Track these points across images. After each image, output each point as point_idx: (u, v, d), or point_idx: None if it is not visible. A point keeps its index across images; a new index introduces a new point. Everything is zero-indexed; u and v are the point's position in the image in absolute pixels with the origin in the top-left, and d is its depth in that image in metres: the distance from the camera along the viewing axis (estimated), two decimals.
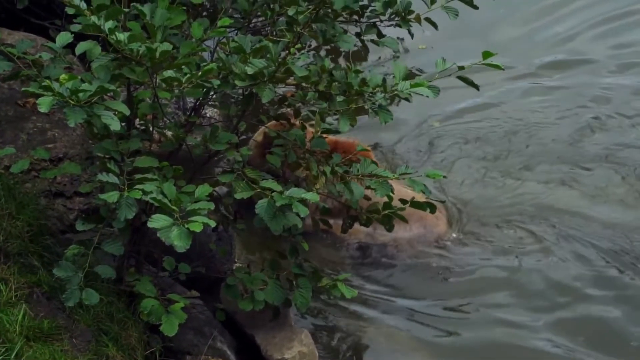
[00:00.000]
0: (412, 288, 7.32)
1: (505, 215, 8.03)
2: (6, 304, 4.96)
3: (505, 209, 8.12)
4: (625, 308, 7.08)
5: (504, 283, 7.34)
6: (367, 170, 5.44)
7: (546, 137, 9.14)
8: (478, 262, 7.54)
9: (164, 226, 4.31)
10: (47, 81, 4.45)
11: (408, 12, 5.87)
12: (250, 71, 4.94)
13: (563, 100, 9.68)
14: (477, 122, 9.33)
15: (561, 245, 7.68)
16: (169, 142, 5.47)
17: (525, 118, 9.39)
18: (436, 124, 9.25)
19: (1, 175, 5.96)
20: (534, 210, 8.13)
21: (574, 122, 9.31)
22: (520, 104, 9.61)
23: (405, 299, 7.19)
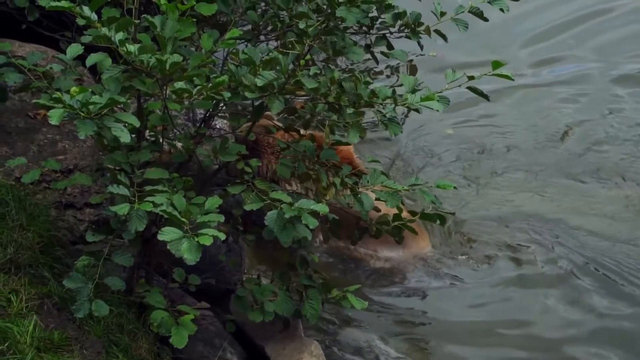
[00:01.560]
0: (416, 302, 7.34)
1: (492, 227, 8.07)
2: (17, 314, 4.98)
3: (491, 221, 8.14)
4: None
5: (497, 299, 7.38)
6: (376, 181, 5.45)
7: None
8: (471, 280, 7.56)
9: (174, 239, 4.32)
10: (58, 93, 4.46)
11: (418, 24, 5.88)
12: (260, 83, 4.95)
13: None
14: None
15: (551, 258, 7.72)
16: (179, 153, 5.48)
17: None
18: (449, 131, 9.26)
19: (12, 187, 5.98)
20: (516, 218, 8.21)
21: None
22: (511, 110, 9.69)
23: (413, 313, 7.20)
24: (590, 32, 11.21)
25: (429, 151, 9.14)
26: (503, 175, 8.77)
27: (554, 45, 10.98)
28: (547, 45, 10.97)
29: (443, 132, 9.35)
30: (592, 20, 11.41)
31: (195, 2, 4.91)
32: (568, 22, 11.36)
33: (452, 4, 5.80)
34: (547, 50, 10.89)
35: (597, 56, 10.78)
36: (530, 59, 10.70)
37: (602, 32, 11.20)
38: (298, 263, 5.92)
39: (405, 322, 7.09)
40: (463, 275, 7.55)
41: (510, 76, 5.26)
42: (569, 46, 10.99)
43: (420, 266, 7.58)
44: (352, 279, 7.27)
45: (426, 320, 7.14)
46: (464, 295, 7.37)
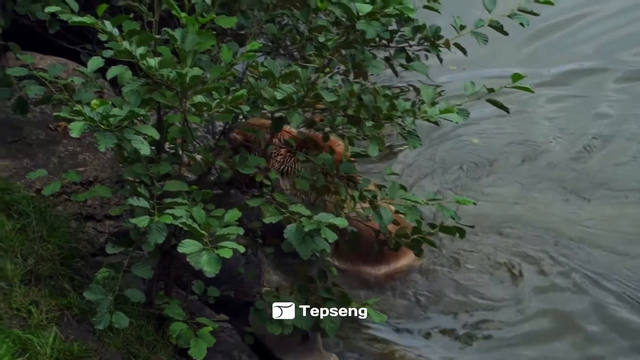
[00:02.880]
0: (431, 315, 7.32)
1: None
2: (37, 326, 4.99)
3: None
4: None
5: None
6: (395, 195, 5.45)
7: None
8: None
9: (194, 251, 4.33)
10: (79, 106, 4.49)
11: (437, 37, 5.88)
12: (279, 96, 4.96)
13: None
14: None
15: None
16: (198, 165, 5.49)
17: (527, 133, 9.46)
18: (475, 141, 9.25)
19: (33, 198, 6.01)
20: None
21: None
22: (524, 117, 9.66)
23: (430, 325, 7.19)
24: None
25: (441, 160, 9.18)
26: (501, 186, 8.77)
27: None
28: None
29: (470, 141, 9.32)
30: None
31: (215, 15, 4.93)
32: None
33: (472, 17, 5.79)
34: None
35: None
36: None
37: None
38: (317, 276, 5.91)
39: (423, 334, 7.07)
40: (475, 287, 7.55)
41: (530, 88, 5.25)
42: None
43: (429, 277, 7.57)
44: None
45: (441, 332, 7.10)
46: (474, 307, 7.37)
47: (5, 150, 6.61)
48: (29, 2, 7.00)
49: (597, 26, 11.53)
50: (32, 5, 6.98)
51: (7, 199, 5.88)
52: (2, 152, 6.59)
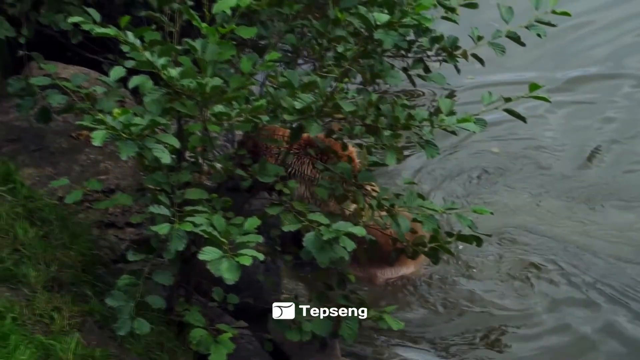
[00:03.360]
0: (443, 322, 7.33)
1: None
2: (60, 332, 5.02)
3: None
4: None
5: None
6: (413, 203, 5.46)
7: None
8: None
9: (214, 259, 4.36)
10: (101, 115, 4.53)
11: (455, 47, 5.88)
12: (298, 106, 4.99)
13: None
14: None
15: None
16: (218, 174, 5.51)
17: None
18: (495, 150, 9.23)
19: (55, 206, 6.05)
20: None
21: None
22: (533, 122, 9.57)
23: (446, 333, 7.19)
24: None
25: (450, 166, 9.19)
26: (509, 194, 8.74)
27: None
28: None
29: (490, 150, 9.31)
30: None
31: (235, 26, 4.96)
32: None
33: (489, 28, 5.79)
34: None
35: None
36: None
37: None
38: (335, 283, 5.92)
39: (437, 342, 7.07)
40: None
41: (547, 98, 5.26)
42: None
43: (438, 285, 7.56)
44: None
45: (460, 342, 7.10)
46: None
47: (28, 158, 6.66)
48: (52, 13, 7.06)
49: (607, 32, 11.47)
50: (55, 16, 7.04)
51: (30, 207, 5.93)
52: (26, 161, 6.64)
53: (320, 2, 5.76)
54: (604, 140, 9.56)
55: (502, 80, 9.91)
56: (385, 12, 5.13)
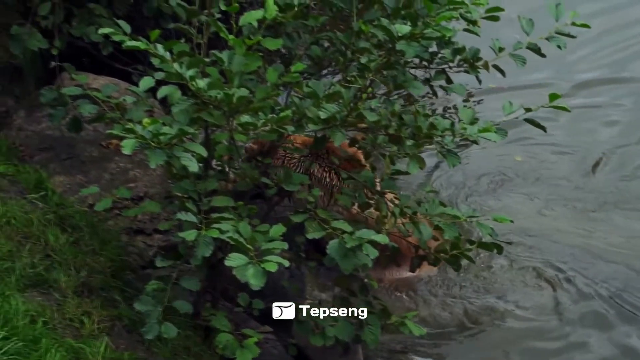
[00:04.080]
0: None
1: None
2: (89, 336, 5.06)
3: None
4: None
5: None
6: (435, 211, 5.46)
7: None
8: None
9: (240, 265, 4.38)
10: (130, 124, 4.56)
11: (476, 59, 5.89)
12: (323, 115, 5.00)
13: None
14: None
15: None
16: (244, 182, 5.54)
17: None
18: (518, 158, 9.19)
19: (85, 213, 6.10)
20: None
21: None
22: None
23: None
24: None
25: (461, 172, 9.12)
26: (514, 200, 8.73)
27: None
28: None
29: (513, 158, 9.28)
30: None
31: (262, 37, 4.99)
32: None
33: (510, 40, 5.79)
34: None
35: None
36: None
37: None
38: (358, 289, 5.93)
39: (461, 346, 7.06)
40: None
41: (567, 108, 5.25)
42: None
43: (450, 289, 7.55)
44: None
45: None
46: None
47: (60, 166, 6.72)
48: (83, 25, 7.12)
49: (614, 36, 11.38)
50: (86, 28, 7.10)
51: (61, 214, 5.98)
52: (57, 169, 6.69)
53: (344, 14, 5.78)
54: (610, 146, 9.49)
55: (510, 84, 9.78)
56: (407, 24, 5.15)
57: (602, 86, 10.54)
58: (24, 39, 6.86)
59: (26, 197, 6.07)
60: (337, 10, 5.75)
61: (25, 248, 5.54)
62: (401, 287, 7.52)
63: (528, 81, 9.92)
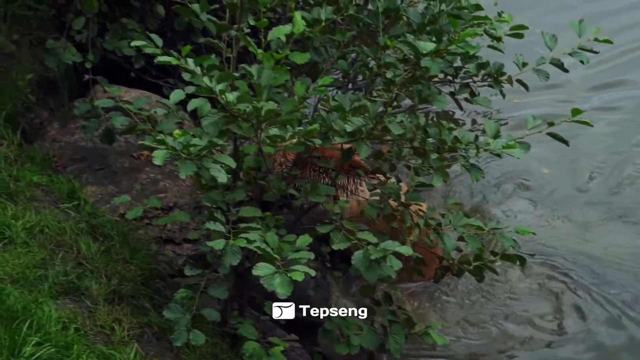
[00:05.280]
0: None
1: None
2: (119, 342, 5.06)
3: None
4: None
5: None
6: (459, 222, 5.45)
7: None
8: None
9: (267, 274, 4.38)
10: (162, 135, 4.57)
11: (500, 73, 5.87)
12: (349, 128, 5.00)
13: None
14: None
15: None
16: (271, 193, 5.54)
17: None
18: (546, 171, 9.14)
19: (117, 222, 6.12)
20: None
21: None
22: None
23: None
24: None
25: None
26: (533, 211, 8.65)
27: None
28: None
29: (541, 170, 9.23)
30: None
31: (290, 52, 5.00)
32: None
33: (534, 55, 5.77)
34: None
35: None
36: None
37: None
38: (382, 299, 5.91)
39: None
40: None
41: (590, 123, 5.22)
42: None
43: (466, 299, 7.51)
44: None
45: None
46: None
47: (92, 176, 6.75)
48: (116, 39, 7.18)
49: None
50: (119, 42, 7.16)
51: (93, 223, 6.01)
52: (90, 179, 6.73)
53: (371, 29, 5.79)
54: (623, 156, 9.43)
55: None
56: (432, 39, 5.14)
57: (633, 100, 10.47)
58: (58, 52, 6.91)
59: (59, 207, 6.11)
60: (364, 26, 5.76)
61: (58, 256, 5.57)
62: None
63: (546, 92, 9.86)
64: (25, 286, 5.10)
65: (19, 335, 4.46)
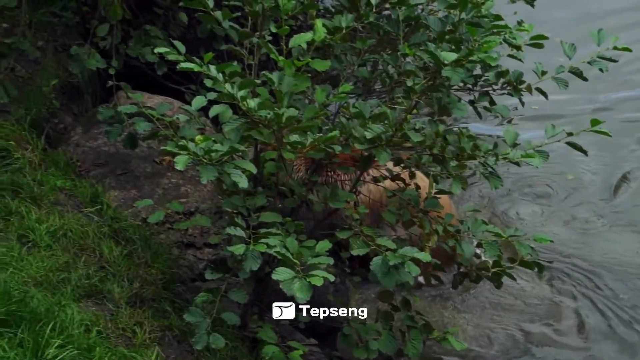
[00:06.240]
0: None
1: None
2: (141, 345, 5.07)
3: None
4: None
5: None
6: (477, 229, 5.44)
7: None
8: None
9: (287, 279, 4.39)
10: (184, 141, 4.58)
11: (519, 81, 5.84)
12: (369, 135, 5.00)
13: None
14: None
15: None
16: (292, 199, 5.54)
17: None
18: (570, 177, 9.08)
19: (139, 227, 6.14)
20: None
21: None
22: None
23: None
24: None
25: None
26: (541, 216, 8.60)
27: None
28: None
29: (566, 177, 9.16)
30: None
31: (310, 59, 5.00)
32: None
33: (553, 63, 5.75)
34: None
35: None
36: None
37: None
38: (401, 304, 5.91)
39: None
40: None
41: (608, 133, 5.20)
42: None
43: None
44: None
45: None
46: None
47: (115, 181, 6.78)
48: (139, 46, 7.22)
49: None
50: (142, 49, 7.19)
51: (115, 227, 6.03)
52: (112, 183, 6.75)
53: (391, 37, 5.78)
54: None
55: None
56: (452, 47, 5.14)
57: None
58: (83, 59, 6.94)
59: (82, 211, 6.13)
60: (384, 34, 5.75)
61: (80, 260, 5.59)
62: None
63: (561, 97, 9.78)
64: (48, 289, 5.12)
65: (42, 337, 4.47)
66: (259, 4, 5.23)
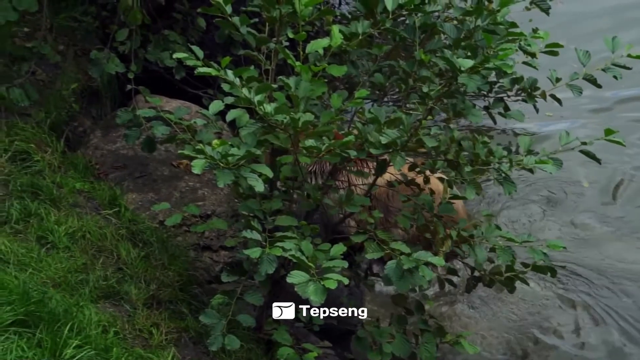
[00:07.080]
0: None
1: None
2: (157, 346, 5.09)
3: None
4: None
5: None
6: (491, 234, 5.43)
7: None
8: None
9: (302, 282, 4.39)
10: (201, 145, 4.60)
11: (534, 88, 5.84)
12: (384, 140, 5.00)
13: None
14: None
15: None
16: (307, 203, 5.55)
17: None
18: (586, 185, 9.06)
19: (156, 229, 6.16)
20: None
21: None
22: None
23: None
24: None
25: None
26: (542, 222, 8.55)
27: None
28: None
29: (582, 184, 9.12)
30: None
31: (327, 65, 5.00)
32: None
33: (567, 71, 5.74)
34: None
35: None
36: None
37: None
38: (414, 308, 5.90)
39: None
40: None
41: (622, 142, 5.18)
42: None
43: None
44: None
45: None
46: None
47: (132, 184, 6.81)
48: (158, 50, 7.24)
49: None
50: (161, 53, 7.22)
51: (133, 229, 6.06)
52: (130, 186, 6.78)
53: (407, 43, 5.78)
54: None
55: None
56: (468, 53, 5.14)
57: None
58: (102, 63, 6.97)
59: (100, 213, 6.16)
60: (400, 40, 5.75)
61: (98, 261, 5.62)
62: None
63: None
64: (66, 290, 5.15)
65: (60, 338, 4.49)
66: (276, 10, 5.24)
